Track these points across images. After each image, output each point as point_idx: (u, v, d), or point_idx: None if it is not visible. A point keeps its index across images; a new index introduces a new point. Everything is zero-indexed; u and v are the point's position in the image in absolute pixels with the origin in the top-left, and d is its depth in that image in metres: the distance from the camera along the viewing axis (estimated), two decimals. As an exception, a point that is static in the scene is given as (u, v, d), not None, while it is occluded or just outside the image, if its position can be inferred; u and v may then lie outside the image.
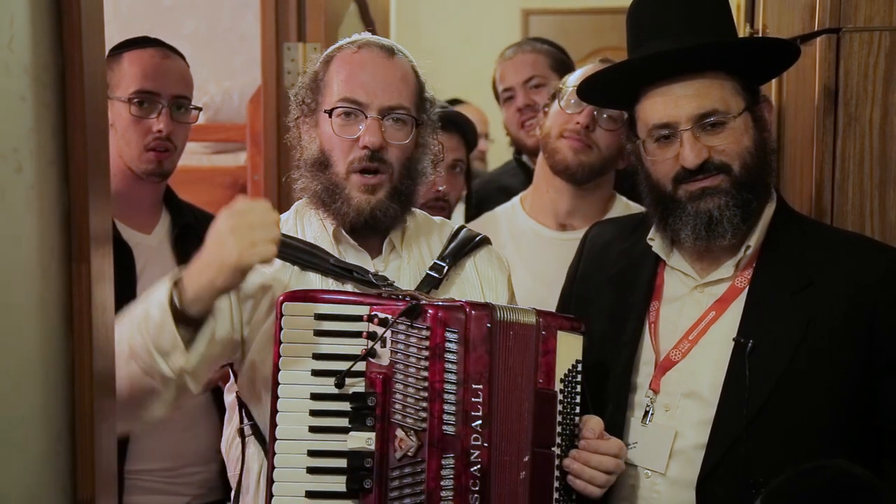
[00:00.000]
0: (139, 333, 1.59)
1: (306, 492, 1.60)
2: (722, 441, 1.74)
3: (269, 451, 1.64)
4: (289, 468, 1.61)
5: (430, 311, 1.59)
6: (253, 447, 1.79)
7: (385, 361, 1.61)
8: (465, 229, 1.96)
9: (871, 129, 1.98)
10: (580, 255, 2.09)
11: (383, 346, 1.62)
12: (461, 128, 2.63)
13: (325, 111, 1.79)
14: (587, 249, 2.08)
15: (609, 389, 1.87)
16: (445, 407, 1.58)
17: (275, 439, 1.62)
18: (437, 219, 1.99)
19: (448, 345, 1.58)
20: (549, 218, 2.45)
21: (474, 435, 1.60)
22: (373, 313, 1.62)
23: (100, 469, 1.28)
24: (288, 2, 2.98)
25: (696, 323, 1.84)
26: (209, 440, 2.29)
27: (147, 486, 2.22)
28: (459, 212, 2.94)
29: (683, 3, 1.83)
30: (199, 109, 2.38)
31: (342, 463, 1.60)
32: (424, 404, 1.58)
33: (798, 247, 1.82)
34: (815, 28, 2.02)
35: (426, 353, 1.58)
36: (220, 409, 2.26)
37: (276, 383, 1.62)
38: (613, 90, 1.95)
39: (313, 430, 1.62)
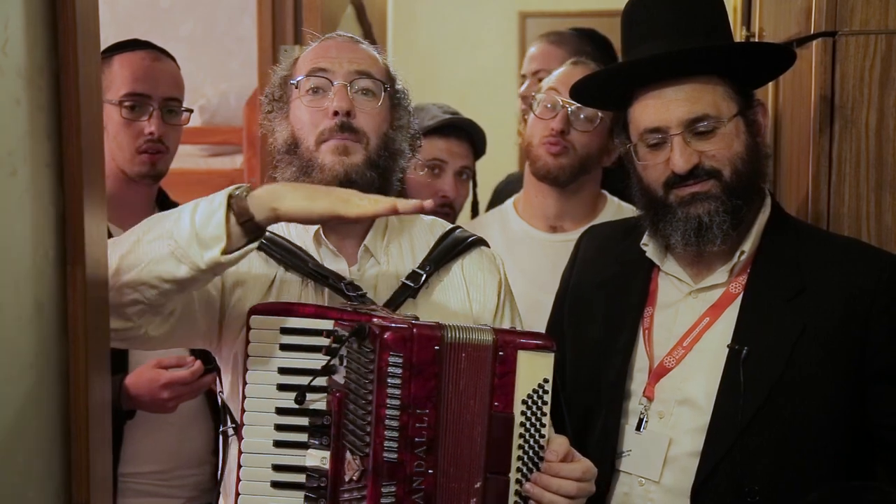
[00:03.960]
0: (186, 216, 1.51)
1: None
2: (717, 449, 1.73)
3: (237, 464, 1.63)
4: (254, 481, 1.61)
5: (378, 333, 1.53)
6: (235, 449, 1.79)
7: (342, 380, 1.59)
8: (458, 230, 1.90)
9: (867, 133, 1.98)
10: (574, 259, 2.08)
11: (341, 363, 1.59)
12: (470, 135, 2.63)
13: (291, 83, 1.78)
14: (581, 254, 2.07)
15: (603, 397, 1.86)
16: (387, 433, 1.52)
17: (241, 452, 1.61)
18: (428, 218, 1.93)
19: (391, 369, 1.53)
20: (540, 220, 2.47)
21: (417, 462, 1.55)
22: (334, 329, 1.59)
23: (94, 473, 1.28)
24: (284, 4, 2.98)
25: (690, 329, 1.83)
26: (203, 443, 2.29)
27: (140, 489, 2.21)
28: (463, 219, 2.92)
29: (676, 5, 1.82)
30: (191, 111, 2.37)
31: (303, 479, 1.59)
32: (369, 428, 1.53)
33: (792, 252, 1.81)
34: (812, 31, 2.02)
35: (371, 376, 1.53)
36: (214, 412, 2.26)
37: (243, 396, 1.62)
38: (607, 92, 1.95)
39: (277, 444, 1.61)
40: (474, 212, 2.80)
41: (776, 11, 2.34)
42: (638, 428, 1.82)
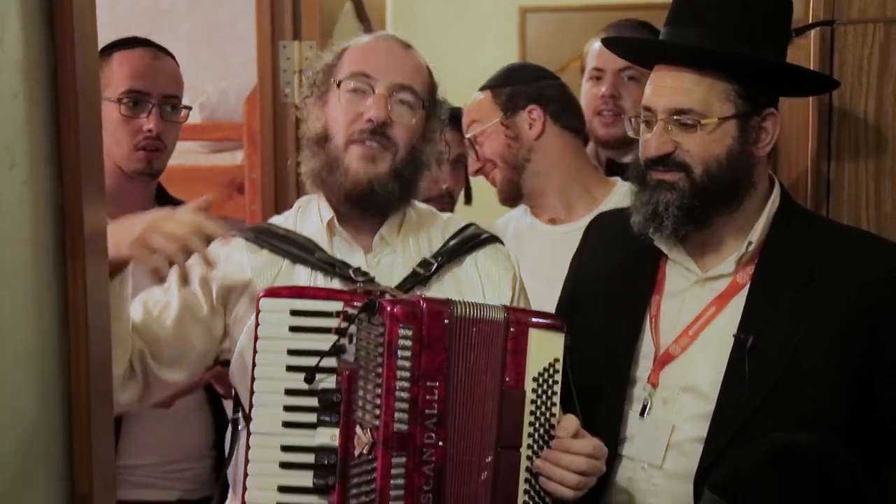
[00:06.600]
0: None
1: (278, 486, 1.61)
2: (720, 436, 1.73)
3: (245, 445, 1.64)
4: (264, 462, 1.62)
5: (387, 307, 1.56)
6: (244, 439, 1.79)
7: (352, 358, 1.60)
8: (472, 226, 1.93)
9: (866, 121, 1.98)
10: (583, 246, 2.08)
11: (350, 342, 1.60)
12: (459, 122, 2.64)
13: (334, 81, 1.77)
14: (590, 241, 2.07)
15: (607, 382, 1.87)
16: (397, 404, 1.55)
17: (250, 433, 1.63)
18: (445, 215, 1.96)
19: (401, 341, 1.55)
20: (542, 212, 2.49)
21: (428, 433, 1.56)
22: (344, 309, 1.61)
23: (97, 463, 1.29)
24: (283, 2, 2.98)
25: (697, 318, 1.83)
26: (202, 437, 2.30)
27: (138, 481, 2.22)
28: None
29: None
30: (189, 109, 2.38)
31: (311, 458, 1.61)
32: (379, 401, 1.55)
33: (801, 243, 1.81)
34: (810, 20, 2.02)
35: (381, 349, 1.55)
36: (213, 405, 2.27)
37: (252, 378, 1.63)
38: (639, 54, 2.02)
39: (286, 424, 1.62)
40: (468, 199, 2.80)
41: (774, 1, 2.33)
42: (642, 414, 1.82)
